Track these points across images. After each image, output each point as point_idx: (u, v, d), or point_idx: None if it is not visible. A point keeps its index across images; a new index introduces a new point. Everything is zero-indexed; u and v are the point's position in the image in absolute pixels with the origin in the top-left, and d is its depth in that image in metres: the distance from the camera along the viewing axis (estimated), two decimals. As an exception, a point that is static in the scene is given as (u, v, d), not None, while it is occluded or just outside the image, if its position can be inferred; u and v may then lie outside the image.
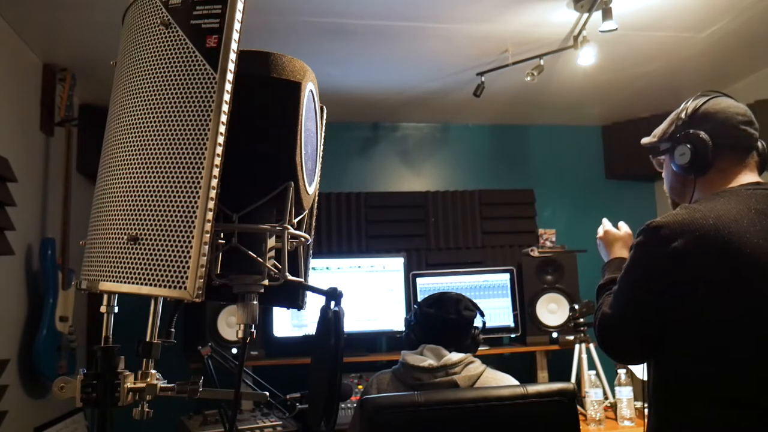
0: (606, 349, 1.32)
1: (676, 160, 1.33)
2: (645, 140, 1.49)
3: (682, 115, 1.36)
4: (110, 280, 0.84)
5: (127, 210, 0.85)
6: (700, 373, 1.16)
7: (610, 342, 1.30)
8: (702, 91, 1.39)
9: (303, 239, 1.10)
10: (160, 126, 0.85)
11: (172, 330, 1.06)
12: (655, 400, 1.27)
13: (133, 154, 0.86)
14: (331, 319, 1.02)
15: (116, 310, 0.96)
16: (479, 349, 1.84)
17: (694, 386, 1.17)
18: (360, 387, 2.73)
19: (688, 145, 1.30)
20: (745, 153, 1.31)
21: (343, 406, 2.57)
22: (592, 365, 2.73)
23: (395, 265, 3.07)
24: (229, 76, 0.84)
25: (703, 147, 1.29)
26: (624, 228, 1.61)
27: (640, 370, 2.59)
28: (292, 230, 1.01)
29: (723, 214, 1.18)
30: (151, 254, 0.81)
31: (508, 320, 3.05)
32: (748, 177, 1.30)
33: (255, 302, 1.00)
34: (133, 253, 0.82)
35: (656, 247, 1.20)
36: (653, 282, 1.20)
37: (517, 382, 1.66)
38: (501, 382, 1.68)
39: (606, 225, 1.65)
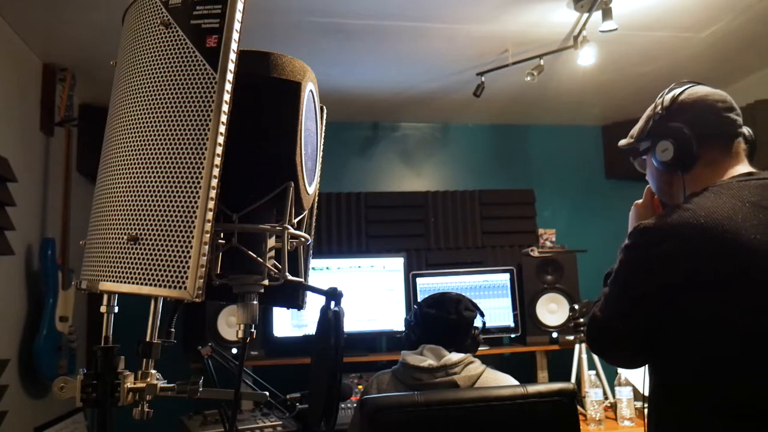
0: (596, 352, 1.28)
1: (659, 157, 1.25)
2: (622, 142, 1.40)
3: (658, 109, 1.27)
4: (110, 280, 0.84)
5: (127, 210, 0.84)
6: (699, 378, 1.11)
7: (599, 345, 1.26)
8: (676, 82, 1.31)
9: (303, 239, 1.10)
10: (160, 126, 0.85)
11: (172, 330, 1.06)
12: (653, 405, 1.23)
13: (133, 154, 0.86)
14: (331, 319, 1.01)
15: (116, 310, 0.96)
16: (479, 349, 1.84)
17: (692, 391, 1.13)
18: (360, 387, 2.73)
19: (669, 140, 1.22)
20: (731, 141, 1.23)
21: (343, 406, 2.56)
22: (592, 365, 2.73)
23: (395, 265, 3.07)
24: (229, 76, 0.84)
25: (686, 139, 1.21)
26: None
27: (634, 376, 2.58)
28: (292, 230, 1.01)
29: (714, 210, 1.11)
30: (151, 254, 0.81)
31: (508, 320, 3.05)
32: (739, 168, 1.22)
33: (255, 302, 1.00)
34: (133, 253, 0.82)
35: (645, 250, 1.15)
36: (642, 287, 1.15)
37: (517, 382, 1.66)
38: (501, 382, 1.68)
39: (645, 197, 1.45)
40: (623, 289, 1.19)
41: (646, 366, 1.27)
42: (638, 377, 2.54)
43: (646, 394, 1.26)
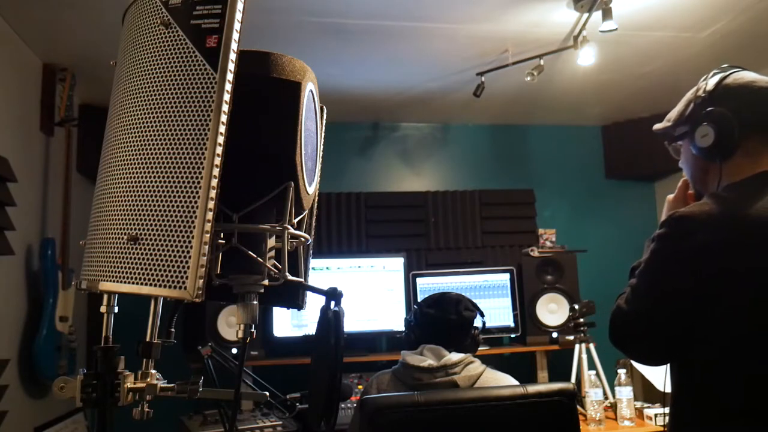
0: (618, 346, 1.20)
1: (698, 142, 1.18)
2: (658, 126, 1.33)
3: (701, 93, 1.21)
4: (110, 280, 0.84)
5: (127, 210, 0.85)
6: (722, 376, 1.05)
7: (624, 340, 1.18)
8: (720, 66, 1.24)
9: (303, 239, 1.10)
10: (160, 126, 0.85)
11: (172, 330, 1.06)
12: (675, 405, 1.17)
13: (133, 154, 0.86)
14: (331, 319, 1.02)
15: (116, 310, 0.96)
16: (479, 349, 1.84)
17: (714, 390, 1.07)
18: (360, 387, 2.73)
19: (711, 125, 1.15)
20: None
21: (343, 406, 2.57)
22: (592, 365, 2.72)
23: (395, 265, 3.07)
24: (229, 76, 0.84)
25: (728, 125, 1.14)
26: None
27: (652, 375, 2.53)
28: (292, 230, 1.01)
29: (756, 202, 1.05)
30: (151, 254, 0.81)
31: (508, 320, 3.05)
32: None
33: (255, 302, 1.01)
34: (133, 253, 0.82)
35: (680, 241, 1.08)
36: (676, 279, 1.08)
37: (517, 382, 1.66)
38: (501, 382, 1.68)
39: (678, 191, 1.37)
40: (653, 280, 1.13)
41: (668, 365, 1.21)
42: (653, 375, 2.49)
43: (667, 390, 1.21)
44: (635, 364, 2.48)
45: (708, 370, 1.09)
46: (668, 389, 1.22)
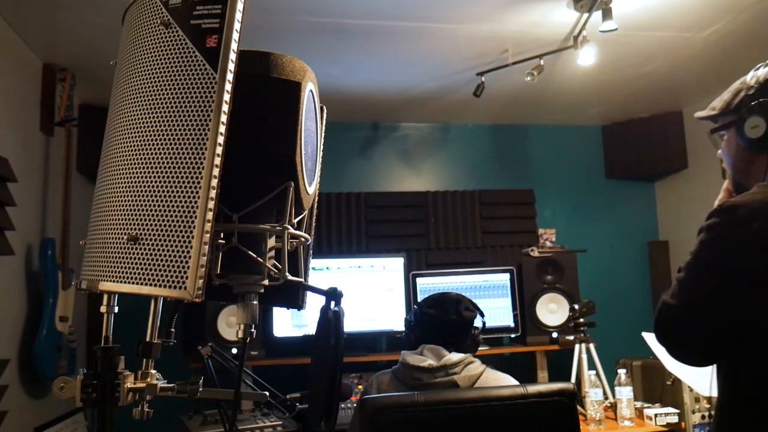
0: (666, 346, 1.12)
1: (748, 133, 1.17)
2: (701, 114, 1.31)
3: (752, 83, 1.19)
4: (110, 280, 0.84)
5: (127, 210, 0.85)
6: None
7: (669, 336, 1.11)
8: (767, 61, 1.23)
9: (303, 239, 1.10)
10: (160, 126, 0.85)
11: (172, 330, 1.06)
12: (724, 407, 1.12)
13: (133, 154, 0.86)
14: (331, 319, 1.02)
15: (116, 310, 0.96)
16: (479, 349, 1.84)
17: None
18: (360, 387, 2.73)
19: (763, 116, 1.15)
20: None
21: (343, 406, 2.56)
22: (592, 365, 2.73)
23: (395, 265, 3.07)
24: (229, 76, 0.84)
25: None
26: None
27: (688, 376, 2.39)
28: (292, 230, 1.01)
29: None
30: (151, 254, 0.81)
31: (508, 320, 3.05)
32: None
33: (255, 302, 1.01)
34: (133, 253, 0.82)
35: (732, 230, 1.05)
36: (728, 269, 1.04)
37: (517, 382, 1.66)
38: (501, 382, 1.68)
39: (723, 194, 1.34)
40: (702, 272, 1.08)
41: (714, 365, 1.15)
42: (694, 379, 2.37)
43: (713, 394, 1.15)
44: (674, 371, 2.32)
45: (759, 367, 1.04)
46: (714, 393, 1.16)
